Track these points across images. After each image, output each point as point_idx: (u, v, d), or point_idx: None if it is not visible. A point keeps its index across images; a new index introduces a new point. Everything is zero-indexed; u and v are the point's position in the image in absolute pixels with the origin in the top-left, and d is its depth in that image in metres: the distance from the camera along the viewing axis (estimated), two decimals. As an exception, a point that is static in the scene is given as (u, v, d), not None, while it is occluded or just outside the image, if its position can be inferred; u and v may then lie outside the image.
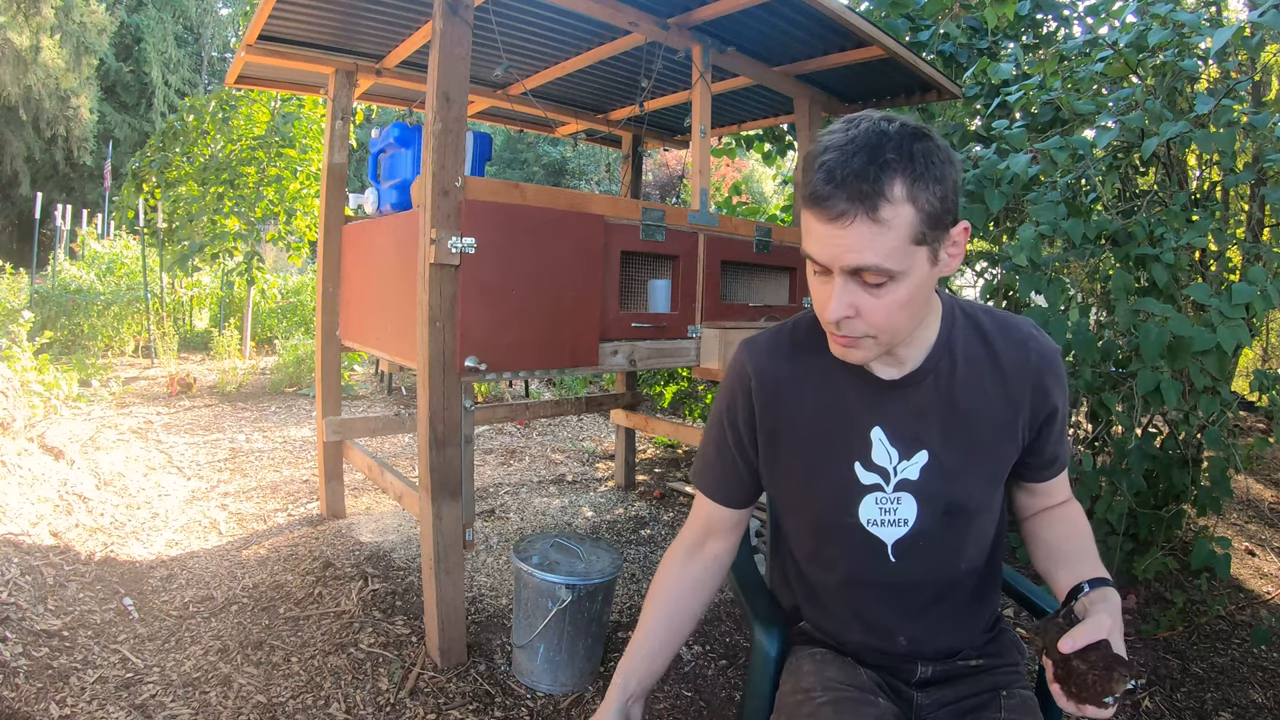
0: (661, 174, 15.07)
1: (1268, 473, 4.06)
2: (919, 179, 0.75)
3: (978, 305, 0.96)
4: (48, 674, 1.75)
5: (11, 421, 3.04)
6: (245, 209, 6.59)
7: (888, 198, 0.74)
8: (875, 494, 0.91)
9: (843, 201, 0.74)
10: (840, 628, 1.00)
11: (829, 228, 0.76)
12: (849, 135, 0.76)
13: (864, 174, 0.74)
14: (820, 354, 0.93)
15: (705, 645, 2.15)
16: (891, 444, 0.91)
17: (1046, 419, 0.93)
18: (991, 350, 0.91)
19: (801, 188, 0.79)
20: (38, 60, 12.97)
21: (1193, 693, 1.99)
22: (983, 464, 0.91)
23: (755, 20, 2.31)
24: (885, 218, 0.74)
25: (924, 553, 0.92)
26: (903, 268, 0.77)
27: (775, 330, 1.00)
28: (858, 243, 0.75)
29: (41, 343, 4.57)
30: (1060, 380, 0.93)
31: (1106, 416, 2.37)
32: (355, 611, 2.18)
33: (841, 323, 0.81)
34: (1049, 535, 0.97)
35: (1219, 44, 2.16)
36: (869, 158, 0.74)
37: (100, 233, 10.55)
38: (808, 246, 0.80)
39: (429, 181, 1.78)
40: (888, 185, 0.74)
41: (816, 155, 0.77)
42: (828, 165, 0.75)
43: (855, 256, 0.76)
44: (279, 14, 2.25)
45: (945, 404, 0.90)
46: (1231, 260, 3.11)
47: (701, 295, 2.45)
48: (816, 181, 0.75)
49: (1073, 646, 0.76)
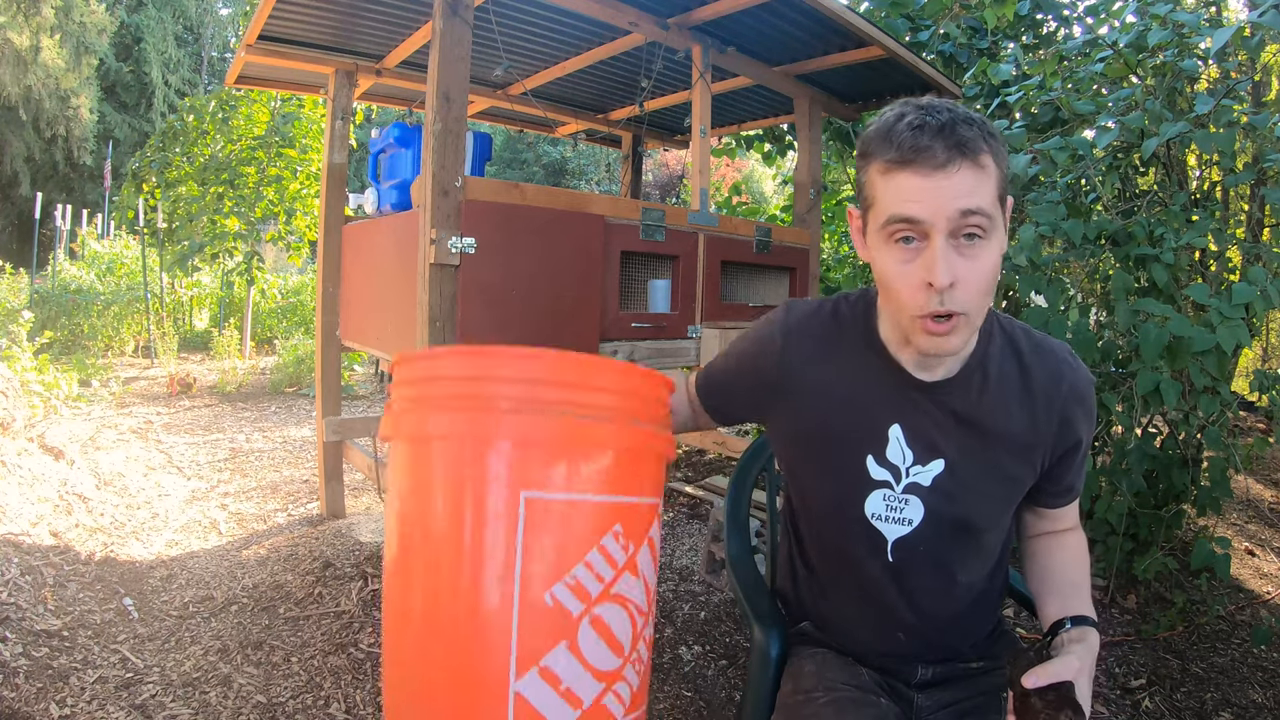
0: (661, 174, 15.07)
1: (1268, 473, 4.06)
2: (993, 137, 0.77)
3: (1017, 324, 0.94)
4: (48, 674, 1.75)
5: (11, 421, 3.04)
6: (245, 209, 6.59)
7: (984, 148, 0.76)
8: (884, 490, 0.90)
9: (943, 150, 0.74)
10: (839, 617, 0.99)
11: (931, 179, 0.75)
12: (918, 105, 0.78)
13: (956, 126, 0.75)
14: (857, 339, 0.93)
15: (705, 645, 2.15)
16: (908, 445, 0.89)
17: (1069, 450, 0.91)
18: (1025, 373, 0.90)
19: (884, 152, 0.77)
20: (38, 60, 12.97)
21: (1193, 693, 1.99)
22: (997, 485, 0.90)
23: (755, 20, 2.31)
24: (985, 164, 0.76)
25: (924, 558, 0.91)
26: (997, 220, 0.78)
27: (819, 303, 0.98)
28: (966, 187, 0.75)
29: (41, 343, 4.57)
30: (1089, 413, 0.91)
31: (1106, 416, 2.37)
32: (355, 611, 2.18)
33: (947, 293, 0.77)
34: (1048, 561, 0.96)
35: (1219, 44, 2.16)
36: (953, 116, 0.76)
37: (100, 233, 10.55)
38: (900, 208, 0.77)
39: (429, 181, 1.78)
40: (980, 137, 0.76)
41: (894, 123, 0.77)
42: (915, 124, 0.75)
43: (965, 200, 0.75)
44: (279, 14, 2.25)
45: (970, 418, 0.89)
46: (1231, 260, 3.11)
47: (701, 295, 2.45)
48: (906, 140, 0.75)
49: (1035, 683, 0.75)
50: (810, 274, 2.90)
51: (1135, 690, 1.98)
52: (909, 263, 0.78)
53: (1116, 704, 1.92)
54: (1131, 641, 2.23)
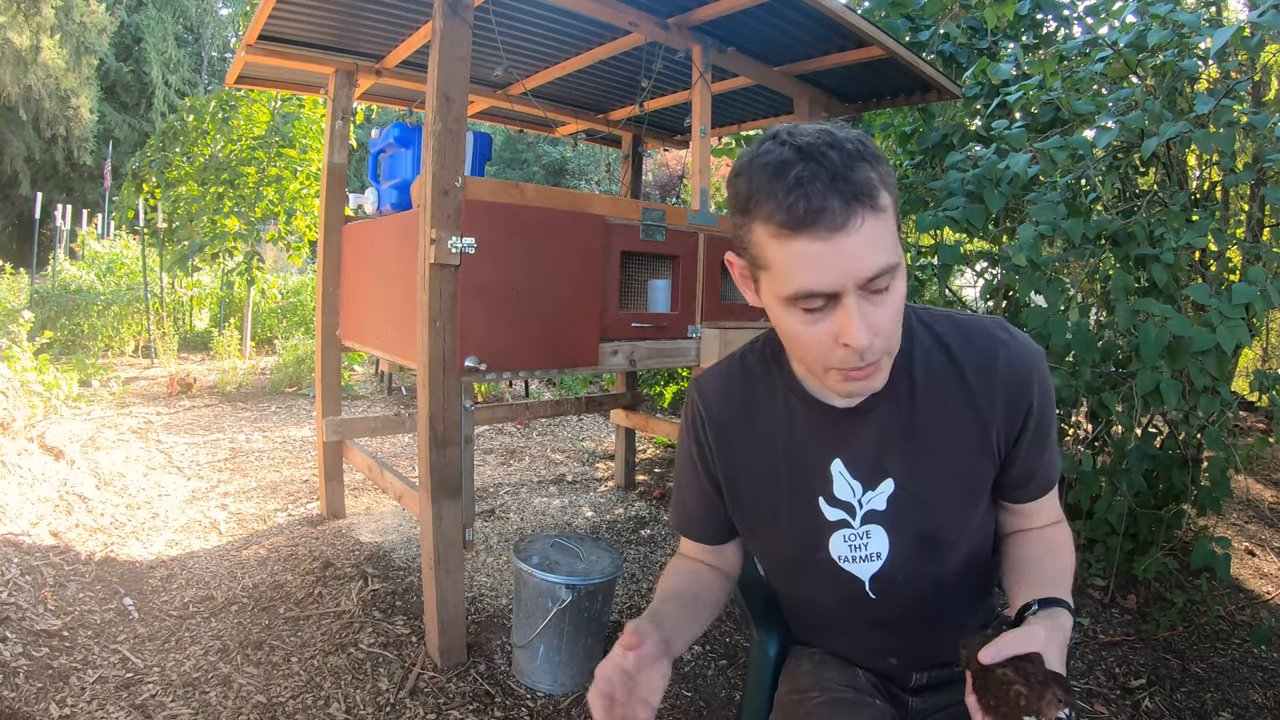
0: (661, 174, 15.06)
1: (1268, 473, 4.06)
2: (879, 161, 0.68)
3: (938, 312, 0.88)
4: (48, 674, 1.75)
5: (11, 421, 3.04)
6: (245, 209, 6.59)
7: (877, 184, 0.67)
8: (843, 530, 0.87)
9: (840, 205, 0.65)
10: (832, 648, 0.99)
11: (832, 242, 0.66)
12: (796, 145, 0.67)
13: (849, 169, 0.66)
14: (772, 387, 0.89)
15: (705, 645, 2.15)
16: (853, 477, 0.86)
17: (1022, 430, 0.83)
18: (954, 362, 0.83)
19: (773, 214, 0.67)
20: (38, 60, 12.97)
21: (1193, 693, 1.99)
22: (955, 488, 0.85)
23: (755, 20, 2.31)
24: (883, 204, 0.67)
25: (904, 585, 0.87)
26: (900, 257, 0.70)
27: (724, 365, 0.95)
28: (871, 242, 0.67)
29: (41, 343, 4.57)
30: (1037, 385, 0.83)
31: (1106, 416, 2.37)
32: (355, 611, 2.18)
33: (868, 350, 0.71)
34: (1024, 552, 0.88)
35: (1219, 44, 2.16)
36: (840, 155, 0.66)
37: (100, 233, 10.55)
38: (800, 282, 0.69)
39: (429, 181, 1.78)
40: (871, 173, 0.67)
41: (776, 173, 0.67)
42: (802, 177, 0.65)
43: (871, 261, 0.67)
44: (279, 14, 2.25)
45: (906, 428, 0.83)
46: (1231, 260, 3.11)
47: (701, 295, 2.45)
48: (797, 200, 0.65)
49: (994, 656, 0.66)
50: (810, 274, 2.89)
51: (1135, 690, 1.98)
52: (817, 323, 0.71)
53: (1116, 704, 1.92)
54: (1131, 641, 2.23)
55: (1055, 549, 0.87)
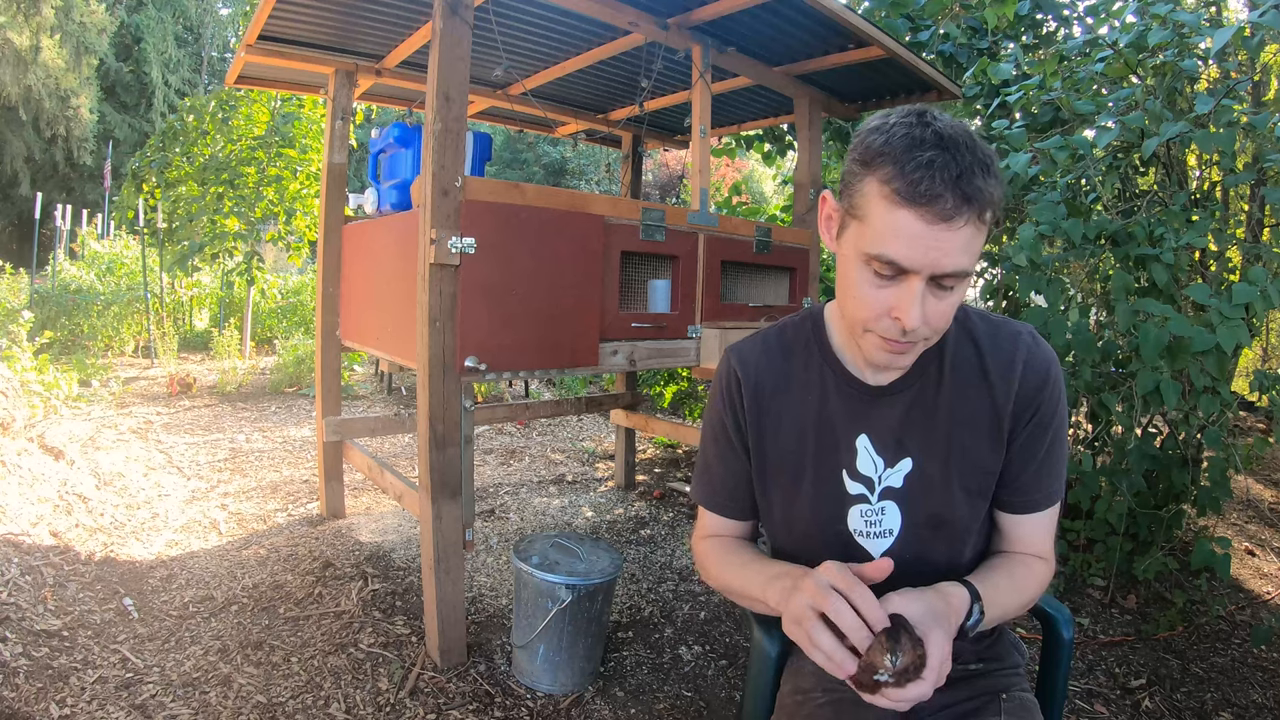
0: (661, 174, 15.07)
1: (1268, 473, 4.06)
2: (999, 183, 0.73)
3: (974, 310, 0.92)
4: (48, 674, 1.75)
5: (11, 421, 3.04)
6: (245, 209, 6.59)
7: (990, 200, 0.71)
8: (861, 505, 0.90)
9: (953, 201, 0.69)
10: None
11: (932, 229, 0.70)
12: (937, 132, 0.71)
13: (973, 175, 0.70)
14: (809, 360, 0.93)
15: (705, 645, 2.15)
16: (877, 452, 0.89)
17: (1030, 429, 0.87)
18: (980, 355, 0.89)
19: (891, 178, 0.71)
20: (38, 60, 12.98)
21: (1193, 693, 1.99)
22: (966, 475, 0.88)
23: (755, 20, 2.31)
24: (986, 219, 0.72)
25: (910, 565, 0.88)
26: (974, 268, 0.75)
27: (762, 335, 0.98)
28: (962, 246, 0.71)
29: (41, 343, 4.57)
30: (1049, 389, 0.87)
31: (1106, 416, 2.37)
32: (355, 611, 2.18)
33: (914, 332, 0.76)
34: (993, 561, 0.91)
35: (1219, 44, 2.16)
36: (972, 159, 0.70)
37: (100, 233, 10.56)
38: (888, 248, 0.72)
39: (429, 181, 1.78)
40: (993, 187, 0.71)
41: (908, 148, 0.70)
42: (931, 163, 0.69)
43: (953, 261, 0.71)
44: (279, 14, 2.25)
45: (930, 412, 0.88)
46: (1231, 260, 3.11)
47: (701, 295, 2.45)
48: (919, 177, 0.69)
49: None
50: (810, 274, 2.90)
51: (1135, 690, 1.98)
52: (881, 289, 0.76)
53: (1116, 704, 1.92)
54: (1131, 641, 2.23)
55: (1025, 571, 0.89)
